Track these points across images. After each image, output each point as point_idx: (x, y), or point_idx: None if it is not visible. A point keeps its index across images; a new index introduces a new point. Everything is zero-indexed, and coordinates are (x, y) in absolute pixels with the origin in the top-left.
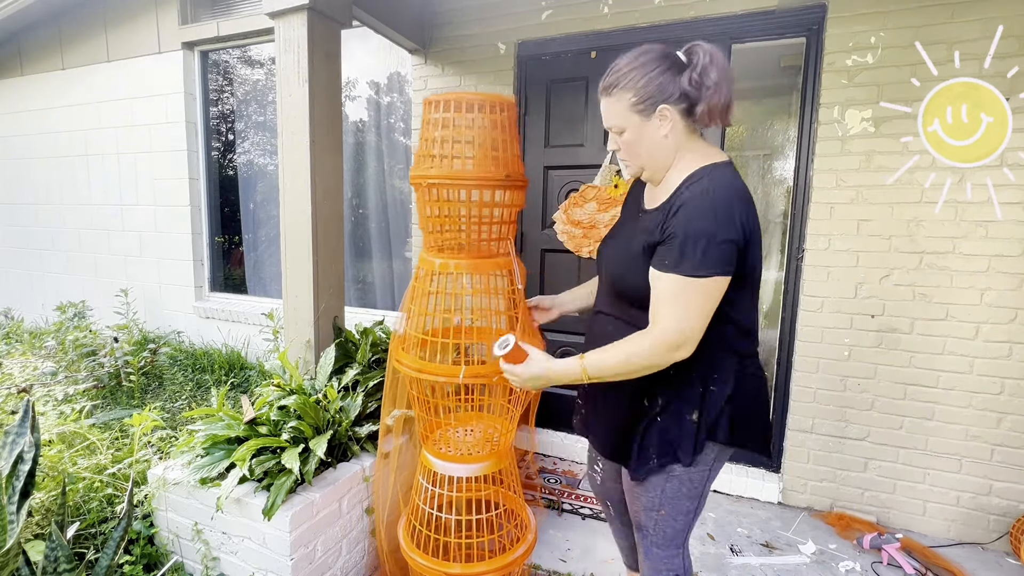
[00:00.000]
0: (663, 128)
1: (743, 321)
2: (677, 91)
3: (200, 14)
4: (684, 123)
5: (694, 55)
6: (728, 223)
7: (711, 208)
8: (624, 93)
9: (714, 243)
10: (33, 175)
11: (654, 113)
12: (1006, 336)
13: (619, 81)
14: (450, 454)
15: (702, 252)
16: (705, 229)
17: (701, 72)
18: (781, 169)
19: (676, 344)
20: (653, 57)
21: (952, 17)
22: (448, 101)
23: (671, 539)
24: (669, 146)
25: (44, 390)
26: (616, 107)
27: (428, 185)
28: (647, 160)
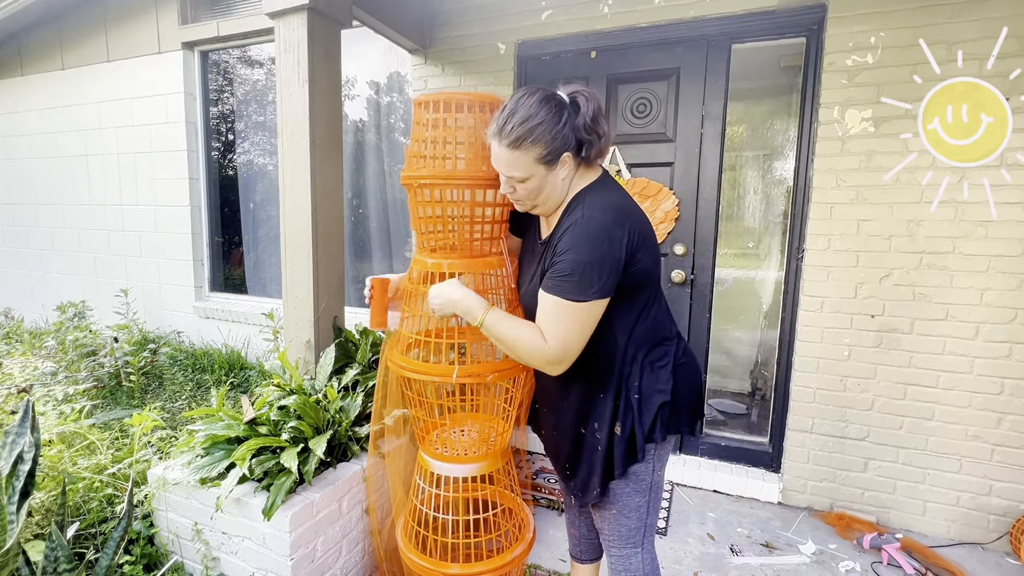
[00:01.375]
0: (563, 172)
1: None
2: (574, 140)
3: (200, 14)
4: (575, 162)
5: (579, 102)
6: (605, 246)
7: (584, 235)
8: (533, 147)
9: (594, 270)
10: (33, 175)
11: (557, 162)
12: (1006, 336)
13: (528, 135)
14: (447, 454)
15: (580, 279)
16: (585, 258)
17: (593, 119)
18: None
19: (558, 359)
20: (554, 107)
21: (952, 17)
22: (438, 102)
23: (626, 538)
24: (566, 186)
25: (44, 390)
26: (523, 160)
27: (419, 185)
28: (544, 200)
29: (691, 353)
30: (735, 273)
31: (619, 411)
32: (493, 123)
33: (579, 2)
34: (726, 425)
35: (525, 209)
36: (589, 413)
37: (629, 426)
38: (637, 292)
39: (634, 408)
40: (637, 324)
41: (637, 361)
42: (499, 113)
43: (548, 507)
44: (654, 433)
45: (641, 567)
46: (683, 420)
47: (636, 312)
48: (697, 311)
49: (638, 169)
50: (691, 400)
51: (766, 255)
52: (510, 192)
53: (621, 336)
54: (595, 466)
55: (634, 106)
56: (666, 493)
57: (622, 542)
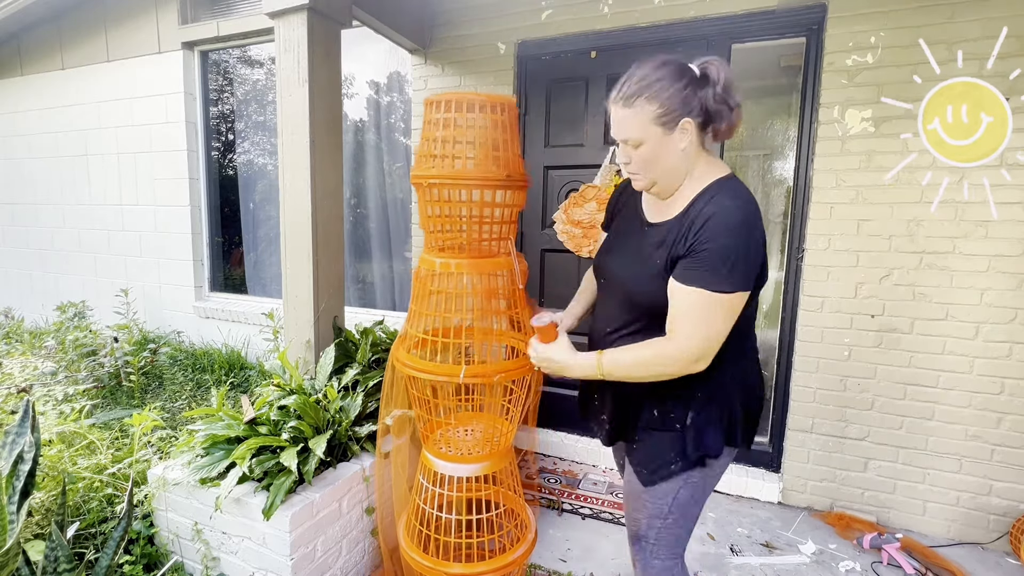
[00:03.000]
0: (683, 142)
1: (751, 328)
2: (699, 106)
3: (200, 14)
4: (699, 138)
5: (711, 71)
6: (752, 240)
7: (740, 224)
8: (648, 105)
9: (742, 260)
10: (33, 175)
11: (676, 127)
12: (1006, 336)
13: (643, 91)
14: (450, 454)
15: (730, 268)
16: (735, 246)
17: (724, 89)
18: (781, 169)
19: (697, 357)
20: (675, 69)
21: (952, 17)
22: (450, 101)
23: (672, 548)
24: (685, 160)
25: (44, 390)
26: (637, 119)
27: (429, 185)
28: (662, 174)
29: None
30: None
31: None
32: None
33: (579, 2)
34: None
35: (642, 186)
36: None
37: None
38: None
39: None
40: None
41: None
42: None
43: (549, 507)
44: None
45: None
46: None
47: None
48: None
49: None
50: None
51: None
52: (625, 163)
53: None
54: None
55: None
56: None
57: (668, 553)
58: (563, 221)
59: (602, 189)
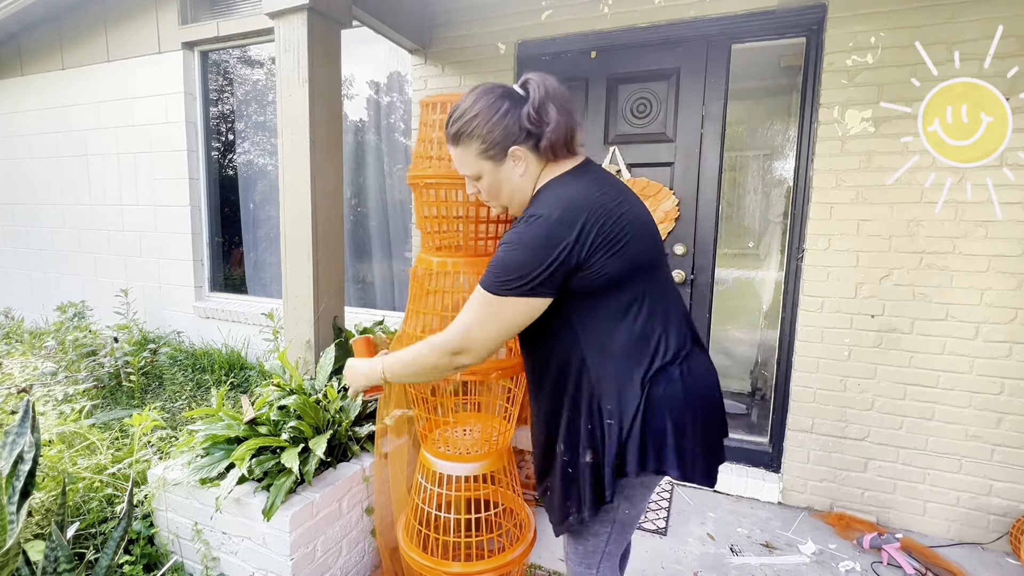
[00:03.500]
0: (518, 168)
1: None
2: (521, 131)
3: (200, 14)
4: (536, 156)
5: (528, 89)
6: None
7: (521, 233)
8: (471, 142)
9: (515, 265)
10: (33, 175)
11: (506, 157)
12: (1006, 336)
13: (464, 129)
14: (449, 453)
15: (500, 272)
16: (509, 254)
17: (539, 108)
18: (781, 169)
19: (456, 349)
20: (492, 100)
21: (952, 17)
22: (445, 103)
23: (583, 555)
24: (527, 183)
25: (44, 390)
26: (466, 156)
27: (425, 185)
28: (508, 199)
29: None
30: (735, 273)
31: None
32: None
33: (579, 2)
34: None
35: (498, 211)
36: (556, 432)
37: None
38: (603, 297)
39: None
40: (612, 335)
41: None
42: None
43: None
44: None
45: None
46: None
47: (609, 320)
48: (697, 311)
49: (638, 169)
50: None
51: (766, 255)
52: (474, 192)
53: (589, 347)
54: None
55: (634, 106)
56: (666, 493)
57: (578, 559)
58: None
59: None
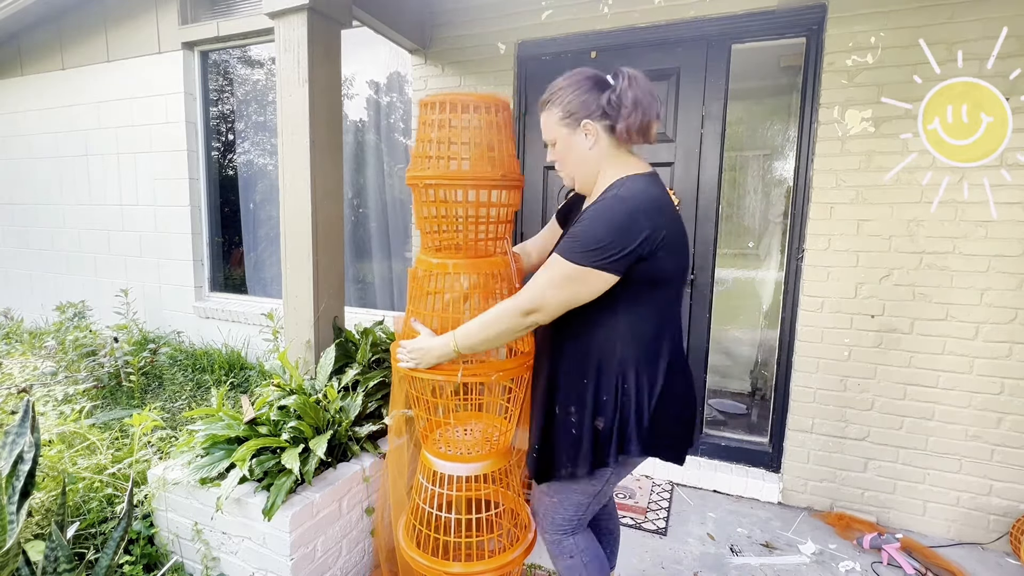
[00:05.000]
0: (588, 141)
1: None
2: (598, 108)
3: (200, 14)
4: (608, 138)
5: (616, 78)
6: (619, 227)
7: (608, 211)
8: (554, 108)
9: (596, 240)
10: (33, 175)
11: (578, 127)
12: (1006, 336)
13: (551, 98)
14: (450, 453)
15: (582, 244)
16: (594, 228)
17: (620, 93)
18: (781, 169)
19: (529, 310)
20: (582, 78)
21: (952, 17)
22: (444, 102)
23: (558, 525)
24: (594, 158)
25: (44, 390)
26: (548, 121)
27: (425, 185)
28: (575, 170)
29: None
30: (735, 273)
31: (605, 406)
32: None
33: (579, 2)
34: (726, 425)
35: (568, 184)
36: (569, 393)
37: (609, 427)
38: (650, 290)
39: (620, 411)
40: (643, 324)
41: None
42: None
43: None
44: (628, 445)
45: (575, 545)
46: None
47: (645, 311)
48: (697, 311)
49: None
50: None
51: (766, 255)
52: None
53: (623, 328)
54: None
55: None
56: (666, 493)
57: (554, 528)
58: None
59: None
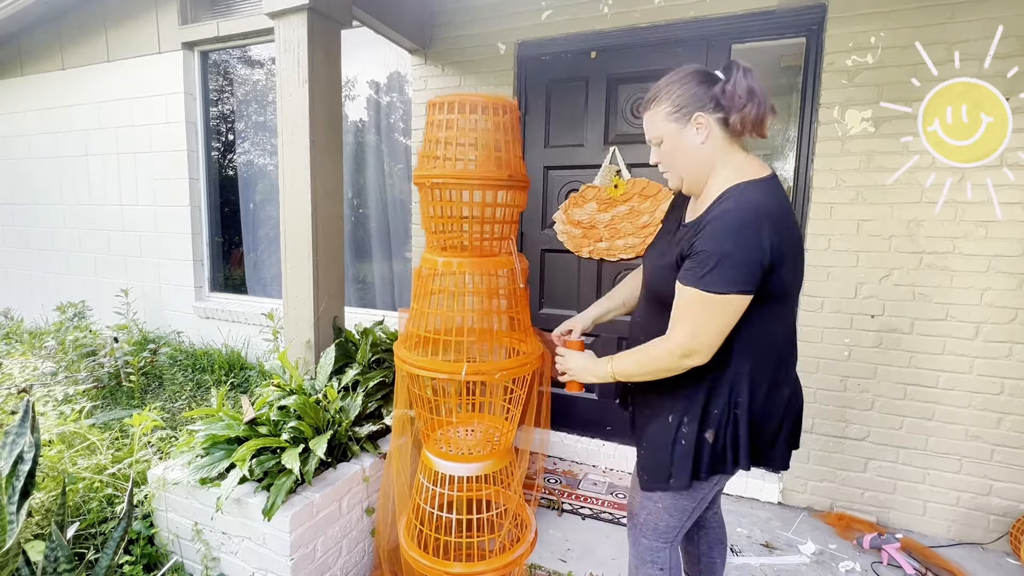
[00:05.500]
0: (699, 136)
1: (771, 346)
2: (711, 100)
3: (200, 14)
4: (722, 132)
5: (729, 69)
6: (749, 244)
7: (736, 227)
8: (660, 105)
9: (732, 263)
10: (33, 175)
11: (689, 121)
12: (1006, 336)
13: (657, 94)
14: (451, 453)
15: (720, 270)
16: (726, 249)
17: (734, 83)
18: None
19: (686, 353)
20: (690, 72)
21: (952, 17)
22: (452, 103)
23: (661, 532)
24: (706, 154)
25: (44, 390)
26: (654, 118)
27: (432, 185)
28: (685, 169)
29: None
30: None
31: (716, 420)
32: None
33: (579, 2)
34: None
35: (674, 185)
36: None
37: (723, 440)
38: (769, 304)
39: (732, 425)
40: (760, 338)
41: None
42: None
43: (548, 507)
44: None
45: (668, 561)
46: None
47: (763, 325)
48: None
49: (638, 169)
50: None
51: None
52: (656, 163)
53: (738, 347)
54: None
55: (634, 106)
56: None
57: (656, 535)
58: (563, 221)
59: (602, 189)
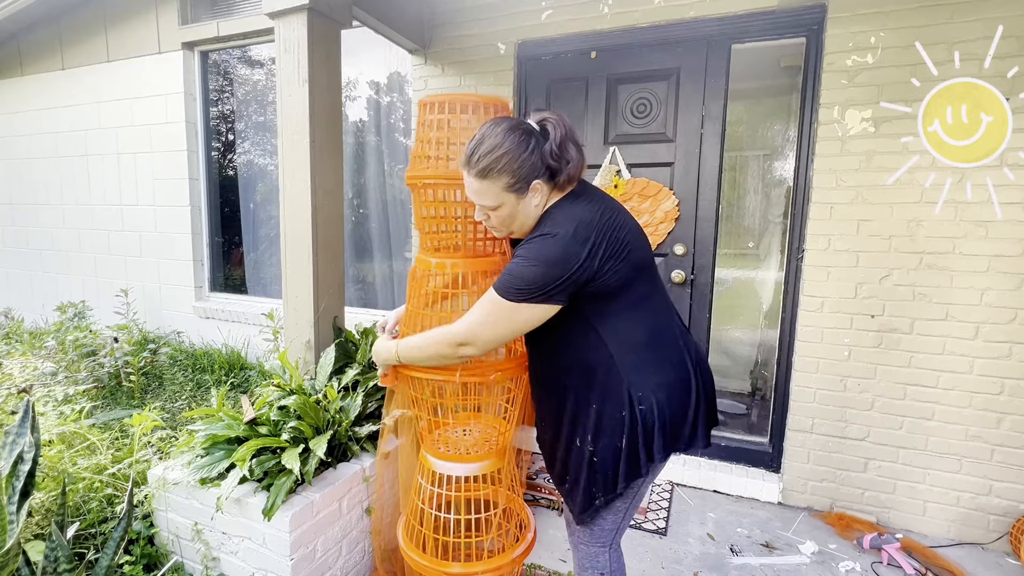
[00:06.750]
0: (535, 199)
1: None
2: (543, 166)
3: (200, 14)
4: (549, 188)
5: (548, 128)
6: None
7: (538, 249)
8: (501, 177)
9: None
10: (33, 175)
11: (528, 189)
12: (1006, 336)
13: (494, 165)
14: (449, 454)
15: (513, 280)
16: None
17: (560, 146)
18: (781, 169)
19: (461, 341)
20: (520, 136)
21: (952, 17)
22: (443, 103)
23: (597, 536)
24: (539, 211)
25: (44, 390)
26: (492, 189)
27: (424, 185)
28: (519, 226)
29: (703, 356)
30: (735, 273)
31: (621, 423)
32: (463, 153)
33: (579, 2)
34: (726, 425)
35: (501, 236)
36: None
37: (634, 440)
38: (618, 298)
39: (639, 421)
40: (632, 329)
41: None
42: (469, 143)
43: (548, 507)
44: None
45: (608, 564)
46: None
47: (626, 316)
48: (697, 311)
49: (638, 169)
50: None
51: (766, 255)
52: (484, 219)
53: (612, 342)
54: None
55: (634, 106)
56: (666, 493)
57: (593, 540)
58: None
59: (602, 189)
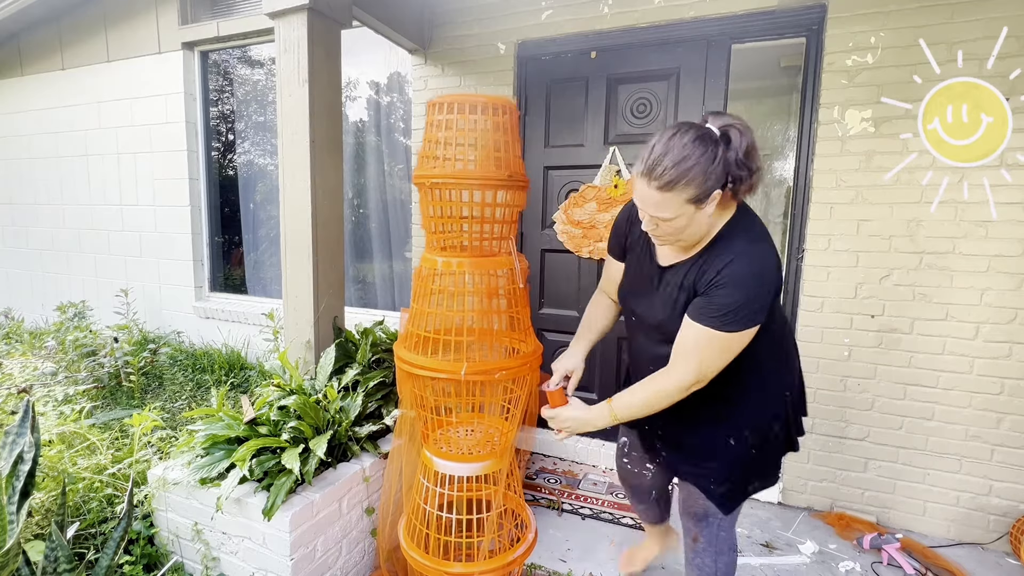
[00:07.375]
0: (710, 209)
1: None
2: (726, 175)
3: (200, 14)
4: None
5: (732, 136)
6: (767, 285)
7: (748, 273)
8: (686, 189)
9: (750, 304)
10: (33, 175)
11: (708, 200)
12: (1006, 336)
13: (681, 178)
14: (451, 453)
15: (737, 311)
16: (741, 295)
17: (746, 154)
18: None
19: (692, 385)
20: (708, 147)
21: (952, 17)
22: (452, 103)
23: (733, 520)
24: (711, 220)
25: (44, 390)
26: (674, 202)
27: (432, 185)
28: (689, 235)
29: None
30: None
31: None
32: (641, 162)
33: (579, 2)
34: None
35: (665, 244)
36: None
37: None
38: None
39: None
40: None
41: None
42: (647, 151)
43: (548, 507)
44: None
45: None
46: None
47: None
48: None
49: None
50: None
51: None
52: (652, 228)
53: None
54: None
55: (634, 106)
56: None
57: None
58: (563, 221)
59: (602, 189)
